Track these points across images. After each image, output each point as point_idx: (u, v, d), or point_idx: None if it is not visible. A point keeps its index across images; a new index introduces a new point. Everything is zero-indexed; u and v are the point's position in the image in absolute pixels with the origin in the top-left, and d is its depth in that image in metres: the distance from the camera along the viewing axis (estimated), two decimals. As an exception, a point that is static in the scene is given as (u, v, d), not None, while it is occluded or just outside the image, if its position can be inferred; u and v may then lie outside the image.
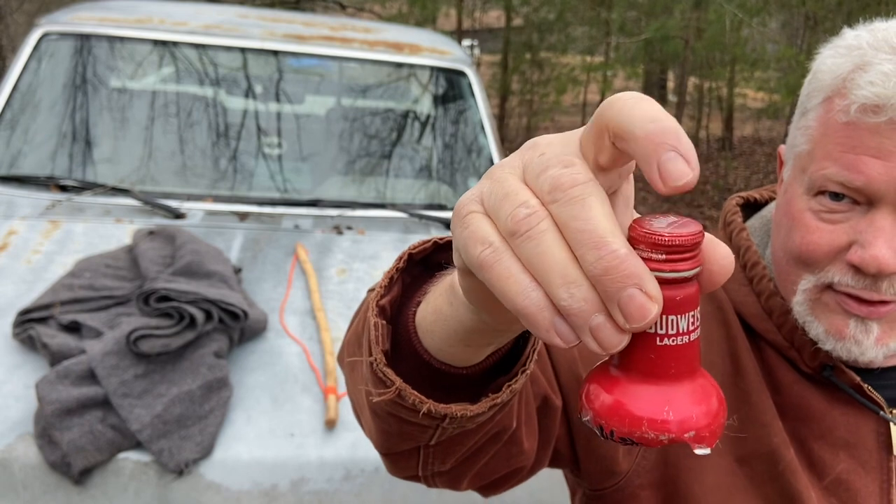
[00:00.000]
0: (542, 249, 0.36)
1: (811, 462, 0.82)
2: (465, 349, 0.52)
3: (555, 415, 0.77)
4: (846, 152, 0.72)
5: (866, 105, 0.70)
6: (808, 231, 0.76)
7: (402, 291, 0.59)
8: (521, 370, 0.55)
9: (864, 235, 0.72)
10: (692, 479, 0.81)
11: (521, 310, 0.36)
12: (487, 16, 14.37)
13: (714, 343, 0.85)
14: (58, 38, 2.65)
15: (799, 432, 0.83)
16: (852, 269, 0.74)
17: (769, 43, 10.39)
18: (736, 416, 0.83)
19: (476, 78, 2.93)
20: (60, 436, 1.47)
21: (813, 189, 0.76)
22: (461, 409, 0.54)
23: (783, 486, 0.80)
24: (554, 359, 0.79)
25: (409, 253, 0.58)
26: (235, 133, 2.65)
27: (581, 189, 0.36)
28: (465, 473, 0.68)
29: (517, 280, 0.36)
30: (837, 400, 0.82)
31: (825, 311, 0.77)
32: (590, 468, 0.83)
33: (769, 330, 0.84)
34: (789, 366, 0.84)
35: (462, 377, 0.56)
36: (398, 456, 0.64)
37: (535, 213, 0.36)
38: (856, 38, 0.75)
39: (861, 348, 0.76)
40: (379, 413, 0.58)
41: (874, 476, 0.81)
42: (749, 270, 0.86)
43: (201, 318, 1.67)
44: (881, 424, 0.82)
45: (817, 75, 0.78)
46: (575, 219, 0.35)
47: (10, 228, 2.13)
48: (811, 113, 0.78)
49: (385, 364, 0.54)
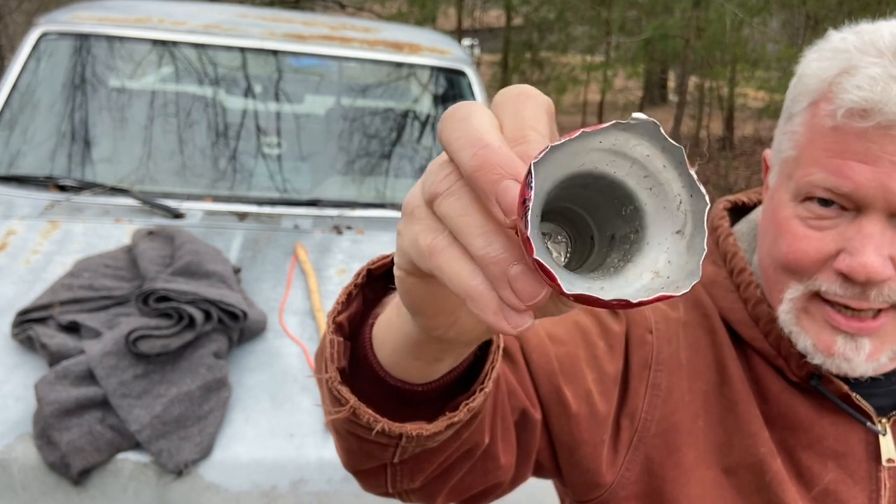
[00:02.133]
0: (461, 204, 0.37)
1: (799, 472, 0.81)
2: (414, 362, 0.51)
3: (534, 428, 0.76)
4: (833, 158, 0.70)
5: (853, 109, 0.68)
6: (795, 238, 0.74)
7: (362, 308, 0.58)
8: (480, 388, 0.55)
9: (853, 243, 0.70)
10: (677, 490, 0.80)
11: (468, 291, 0.36)
12: (487, 15, 14.37)
13: (700, 352, 0.84)
14: (57, 38, 2.64)
15: (787, 442, 0.81)
16: (840, 277, 0.72)
17: (770, 42, 10.39)
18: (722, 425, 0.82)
19: (476, 77, 2.92)
20: (59, 436, 1.47)
21: (800, 195, 0.74)
22: (417, 428, 0.54)
23: (770, 496, 0.79)
24: (533, 371, 0.77)
25: (367, 269, 0.57)
26: (235, 133, 2.65)
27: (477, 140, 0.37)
28: (439, 490, 0.68)
29: (463, 263, 0.37)
30: (826, 409, 0.81)
31: (812, 323, 0.76)
32: (573, 480, 0.82)
33: (756, 337, 0.82)
34: (777, 374, 0.83)
35: (419, 394, 0.55)
36: (365, 474, 0.64)
37: (453, 172, 0.37)
38: (842, 40, 0.73)
39: (852, 365, 0.74)
40: (340, 431, 0.58)
41: (863, 486, 0.80)
42: (736, 277, 0.85)
43: (200, 319, 1.67)
44: (870, 434, 0.81)
45: (802, 79, 0.76)
46: (460, 148, 0.36)
47: (9, 228, 2.12)
48: (797, 118, 0.76)
49: (339, 382, 0.54)
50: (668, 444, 0.80)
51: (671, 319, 0.84)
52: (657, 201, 0.37)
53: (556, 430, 0.78)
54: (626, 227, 0.38)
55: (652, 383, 0.81)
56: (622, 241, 0.39)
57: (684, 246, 0.37)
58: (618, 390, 0.81)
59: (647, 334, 0.83)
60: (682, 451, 0.80)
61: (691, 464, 0.80)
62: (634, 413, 0.80)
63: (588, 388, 0.79)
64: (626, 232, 0.39)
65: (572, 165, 0.35)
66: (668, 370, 0.82)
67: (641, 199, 0.37)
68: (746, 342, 0.84)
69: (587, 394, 0.78)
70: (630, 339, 0.83)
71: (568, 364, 0.79)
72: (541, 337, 0.79)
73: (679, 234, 0.37)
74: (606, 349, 0.81)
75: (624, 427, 0.80)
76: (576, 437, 0.78)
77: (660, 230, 0.37)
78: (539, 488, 1.57)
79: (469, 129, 0.37)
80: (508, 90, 0.39)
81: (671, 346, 0.83)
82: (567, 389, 0.77)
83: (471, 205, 0.36)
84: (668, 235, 0.37)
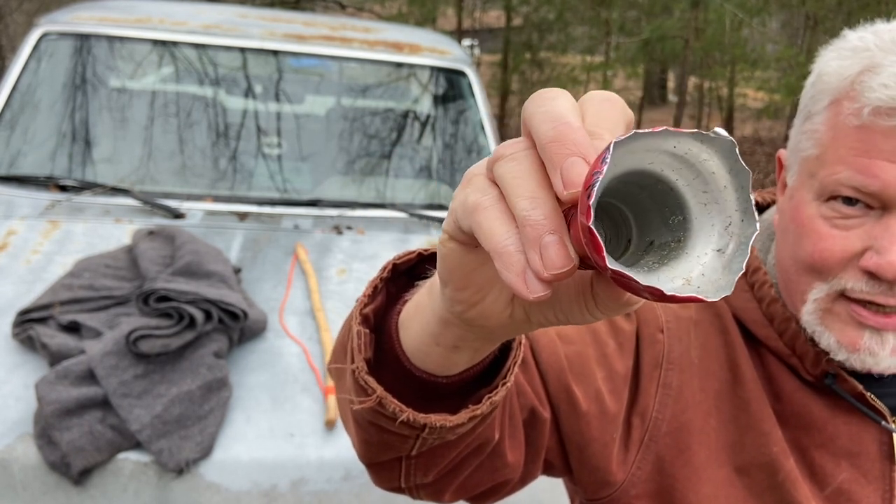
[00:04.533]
0: (519, 168, 0.38)
1: (812, 471, 0.81)
2: (435, 349, 0.52)
3: (543, 427, 0.76)
4: (859, 156, 0.70)
5: (880, 108, 0.68)
6: (819, 238, 0.74)
7: (386, 301, 0.59)
8: (502, 382, 0.56)
9: (881, 241, 0.70)
10: (689, 489, 0.80)
11: (499, 248, 0.38)
12: (487, 15, 14.38)
13: (712, 351, 0.84)
14: (57, 38, 2.64)
15: (800, 441, 0.81)
16: (867, 275, 0.72)
17: (769, 43, 10.39)
18: (734, 424, 0.82)
19: (476, 78, 2.92)
20: (60, 436, 1.47)
21: (824, 194, 0.74)
22: (441, 419, 0.55)
23: (783, 496, 0.79)
24: (542, 370, 0.78)
25: (393, 263, 0.59)
26: (235, 133, 2.65)
27: (559, 116, 0.38)
28: (449, 486, 0.68)
29: (503, 222, 0.38)
30: (839, 408, 0.81)
31: (837, 321, 0.76)
32: (583, 478, 0.82)
33: (770, 336, 0.83)
34: (790, 373, 0.83)
35: (443, 386, 0.56)
36: (380, 466, 0.65)
37: (523, 142, 0.40)
38: (860, 39, 0.73)
39: (876, 359, 0.74)
40: (361, 422, 0.59)
41: (876, 486, 0.80)
42: (750, 276, 0.85)
43: (201, 319, 1.67)
44: (884, 434, 0.81)
45: (822, 77, 0.76)
46: (541, 121, 0.38)
47: (9, 228, 2.13)
48: (817, 116, 0.76)
49: (366, 372, 0.55)
50: (678, 443, 0.80)
51: (682, 318, 0.85)
52: (707, 217, 0.38)
53: (565, 428, 0.79)
54: (669, 235, 0.40)
55: (663, 382, 0.81)
56: (660, 248, 0.40)
57: (722, 264, 0.38)
58: (628, 389, 0.81)
59: (657, 333, 0.83)
60: (692, 449, 0.81)
61: (702, 462, 0.80)
62: (645, 412, 0.81)
63: (598, 387, 0.79)
64: (668, 240, 0.40)
65: (643, 161, 0.37)
66: (680, 369, 0.82)
67: (693, 212, 0.39)
68: (760, 341, 0.84)
69: (597, 393, 0.79)
70: (641, 337, 0.83)
71: (578, 363, 0.79)
72: (550, 336, 0.79)
73: (720, 252, 0.38)
74: (616, 348, 0.81)
75: (635, 426, 0.81)
76: (585, 436, 0.79)
77: (701, 244, 0.38)
78: (540, 489, 1.57)
79: (555, 107, 0.38)
80: (596, 93, 0.41)
81: (682, 344, 0.83)
82: (577, 388, 0.78)
83: (529, 170, 0.38)
84: (708, 251, 0.38)
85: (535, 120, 0.38)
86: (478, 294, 0.46)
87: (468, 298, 0.46)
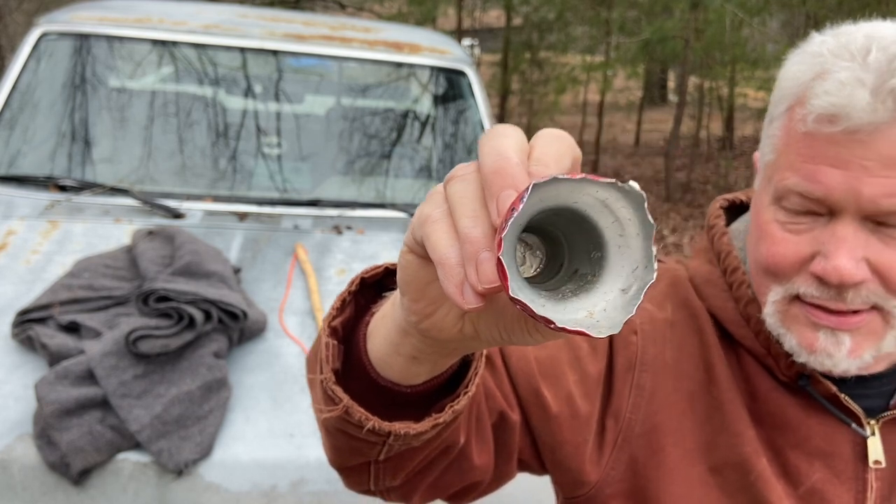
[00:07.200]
0: (467, 189, 0.42)
1: (786, 471, 0.81)
2: (397, 358, 0.55)
3: (513, 430, 0.78)
4: (806, 162, 0.71)
5: (822, 115, 0.69)
6: (773, 242, 0.75)
7: (355, 313, 0.62)
8: (464, 392, 0.59)
9: (827, 246, 0.71)
10: (661, 489, 0.80)
11: (442, 259, 0.41)
12: (487, 15, 14.38)
13: (687, 352, 0.84)
14: (57, 38, 2.64)
15: (775, 441, 0.82)
16: (817, 280, 0.73)
17: (769, 42, 10.38)
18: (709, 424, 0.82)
19: (476, 77, 2.92)
20: (59, 436, 1.47)
21: (777, 199, 0.75)
22: (405, 427, 0.58)
23: (755, 495, 0.80)
24: (512, 374, 0.79)
25: (361, 277, 0.62)
26: (235, 133, 2.65)
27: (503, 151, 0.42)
28: (417, 488, 0.71)
29: (449, 236, 0.42)
30: (814, 409, 0.81)
31: (795, 323, 0.76)
32: (558, 478, 0.84)
33: (747, 336, 0.83)
34: (766, 373, 0.83)
35: (407, 395, 0.59)
36: (350, 470, 0.67)
37: (473, 166, 0.44)
38: (820, 43, 0.74)
39: (833, 360, 0.74)
40: (330, 429, 0.62)
41: (849, 486, 0.80)
42: (729, 276, 0.85)
43: (200, 319, 1.67)
44: (857, 435, 0.81)
45: (782, 83, 0.76)
46: (487, 153, 0.42)
47: (8, 228, 2.12)
48: (777, 121, 0.77)
49: (334, 382, 0.58)
50: (651, 444, 0.81)
51: (657, 320, 0.86)
52: (620, 259, 0.42)
53: (537, 431, 0.80)
54: (589, 268, 0.44)
55: (636, 384, 0.82)
56: (580, 279, 0.44)
57: (622, 303, 0.42)
58: (601, 391, 0.82)
59: (631, 335, 0.84)
60: (666, 450, 0.81)
61: (676, 463, 0.81)
62: (619, 413, 0.82)
63: (569, 389, 0.80)
64: (587, 272, 0.44)
65: (568, 199, 0.41)
66: (653, 371, 0.83)
67: (610, 251, 0.43)
68: (737, 341, 0.85)
69: (568, 395, 0.80)
70: (614, 340, 0.84)
71: (549, 366, 0.80)
72: None
73: (623, 291, 0.42)
74: (590, 350, 0.83)
75: (609, 427, 0.82)
76: (557, 438, 0.80)
77: (611, 282, 0.43)
78: (537, 488, 1.57)
79: (501, 143, 0.42)
80: (548, 130, 0.45)
81: (656, 346, 0.84)
82: (546, 391, 0.79)
83: (474, 192, 0.42)
84: (615, 289, 0.42)
85: (483, 151, 0.42)
86: (431, 306, 0.48)
87: (422, 310, 0.48)
